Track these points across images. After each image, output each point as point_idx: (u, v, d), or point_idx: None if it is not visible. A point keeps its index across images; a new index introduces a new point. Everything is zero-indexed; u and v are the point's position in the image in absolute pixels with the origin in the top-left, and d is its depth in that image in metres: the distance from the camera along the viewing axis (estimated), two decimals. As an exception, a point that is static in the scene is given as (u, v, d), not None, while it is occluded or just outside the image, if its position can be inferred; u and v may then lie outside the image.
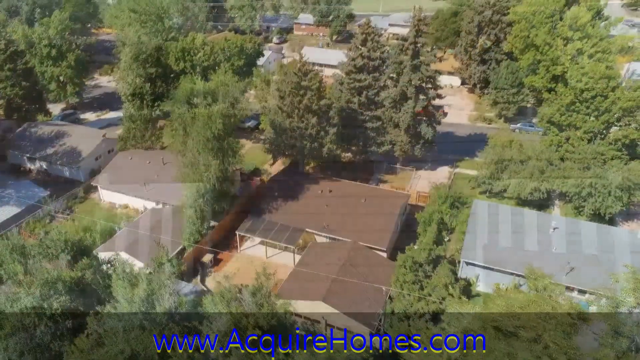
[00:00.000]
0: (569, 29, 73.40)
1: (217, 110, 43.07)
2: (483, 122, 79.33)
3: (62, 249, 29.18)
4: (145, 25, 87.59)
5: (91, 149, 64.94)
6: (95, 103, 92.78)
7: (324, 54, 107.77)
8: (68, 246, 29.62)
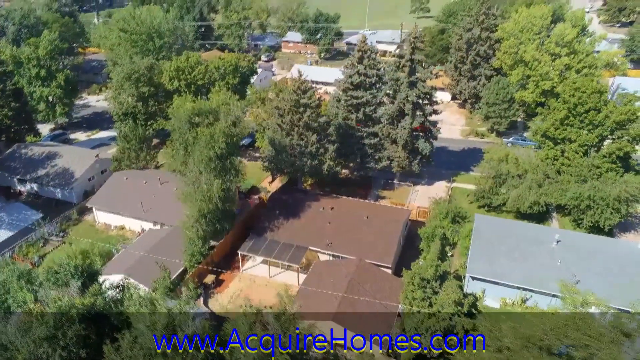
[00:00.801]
0: (555, 45, 75.31)
1: (219, 129, 42.69)
2: (476, 136, 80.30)
3: (72, 275, 28.25)
4: (135, 45, 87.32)
5: (84, 170, 63.73)
6: (85, 123, 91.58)
7: (315, 71, 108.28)
8: (78, 272, 28.71)
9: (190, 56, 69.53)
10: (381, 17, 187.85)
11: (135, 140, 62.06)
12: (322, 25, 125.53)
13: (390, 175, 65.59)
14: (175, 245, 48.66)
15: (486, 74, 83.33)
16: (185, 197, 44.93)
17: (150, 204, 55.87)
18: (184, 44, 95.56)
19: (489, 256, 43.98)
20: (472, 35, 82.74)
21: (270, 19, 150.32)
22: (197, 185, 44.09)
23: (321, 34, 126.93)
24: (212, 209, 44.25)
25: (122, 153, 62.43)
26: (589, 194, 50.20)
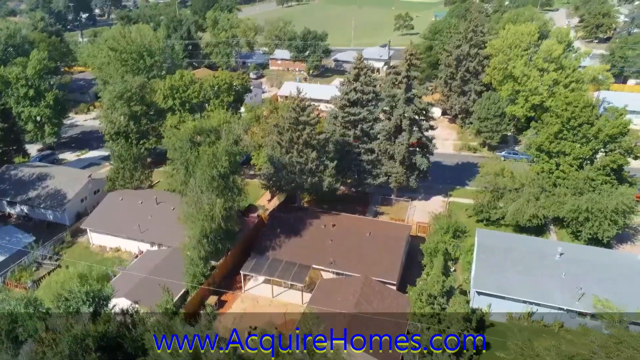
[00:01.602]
0: (543, 61, 77.03)
1: (222, 148, 42.30)
2: (468, 151, 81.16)
3: (83, 301, 27.28)
4: (125, 64, 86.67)
5: (77, 191, 62.41)
6: (73, 142, 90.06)
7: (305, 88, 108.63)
8: (90, 298, 27.75)
9: (185, 74, 69.17)
10: (366, 35, 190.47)
11: (129, 159, 61.08)
12: (310, 42, 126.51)
13: (387, 191, 65.68)
14: (175, 267, 47.77)
15: (476, 90, 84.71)
16: (187, 217, 44.19)
17: (147, 225, 54.84)
18: (174, 62, 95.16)
19: (494, 270, 44.04)
20: (462, 52, 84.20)
21: (258, 37, 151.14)
22: (199, 205, 43.43)
23: (309, 52, 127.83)
24: (214, 229, 43.57)
25: (117, 173, 61.34)
26: (587, 206, 50.91)
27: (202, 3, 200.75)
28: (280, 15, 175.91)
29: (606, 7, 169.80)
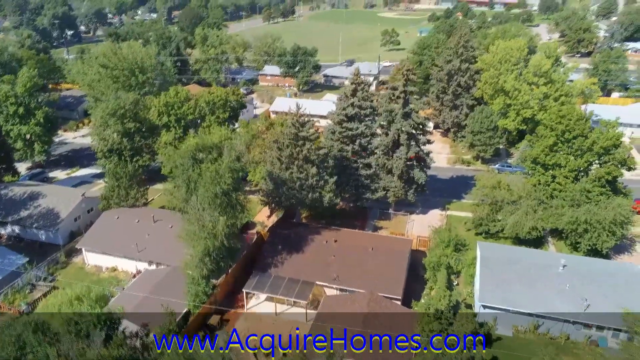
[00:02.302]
0: (533, 75, 78.50)
1: (225, 165, 41.92)
2: (462, 164, 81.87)
3: (94, 324, 26.39)
4: (117, 81, 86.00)
5: (70, 210, 61.19)
6: (63, 160, 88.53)
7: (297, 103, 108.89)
8: (101, 321, 26.88)
9: (180, 91, 68.78)
10: (353, 51, 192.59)
11: (125, 177, 60.13)
12: (301, 58, 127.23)
13: (385, 205, 65.68)
14: (175, 286, 46.78)
15: (468, 104, 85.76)
16: (189, 235, 43.44)
17: (144, 243, 53.86)
18: (165, 78, 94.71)
19: (499, 284, 44.07)
20: (453, 67, 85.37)
21: (247, 53, 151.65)
22: (202, 223, 42.79)
23: (299, 67, 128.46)
24: (218, 247, 42.91)
25: (112, 191, 60.24)
26: (586, 218, 51.47)
27: (189, 20, 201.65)
28: (267, 32, 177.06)
29: (586, 22, 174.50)
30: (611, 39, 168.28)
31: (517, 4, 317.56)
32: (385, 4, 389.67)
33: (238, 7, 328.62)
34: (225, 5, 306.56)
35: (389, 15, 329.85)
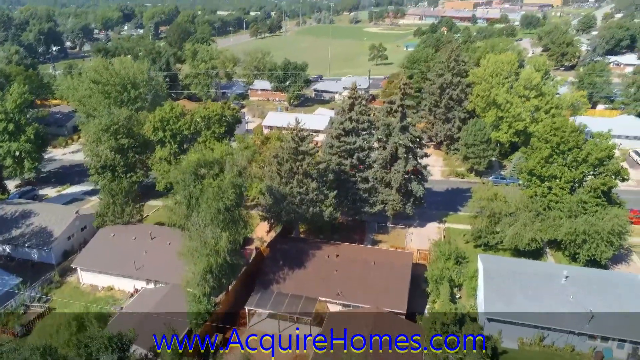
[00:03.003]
0: (524, 88, 79.77)
1: (228, 180, 41.49)
2: (456, 176, 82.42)
3: (105, 347, 25.56)
4: (108, 96, 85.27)
5: (63, 228, 59.97)
6: (53, 177, 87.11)
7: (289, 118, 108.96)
8: (112, 343, 26.04)
9: (175, 106, 68.35)
10: (341, 65, 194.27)
11: (120, 193, 59.24)
12: (291, 73, 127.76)
13: (382, 219, 65.62)
14: (176, 305, 45.96)
15: (460, 117, 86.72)
16: (191, 252, 42.74)
17: (142, 261, 52.92)
18: (158, 93, 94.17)
19: (503, 296, 44.07)
20: (445, 80, 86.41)
21: (236, 68, 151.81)
22: (204, 240, 42.15)
23: (290, 82, 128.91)
24: (220, 263, 42.27)
25: (107, 208, 59.26)
26: (584, 229, 51.96)
27: (177, 35, 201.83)
28: (255, 47, 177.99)
29: (568, 37, 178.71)
30: (594, 53, 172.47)
31: (499, 20, 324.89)
32: (370, 19, 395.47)
33: (225, 22, 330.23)
34: (213, 20, 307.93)
35: (375, 30, 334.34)
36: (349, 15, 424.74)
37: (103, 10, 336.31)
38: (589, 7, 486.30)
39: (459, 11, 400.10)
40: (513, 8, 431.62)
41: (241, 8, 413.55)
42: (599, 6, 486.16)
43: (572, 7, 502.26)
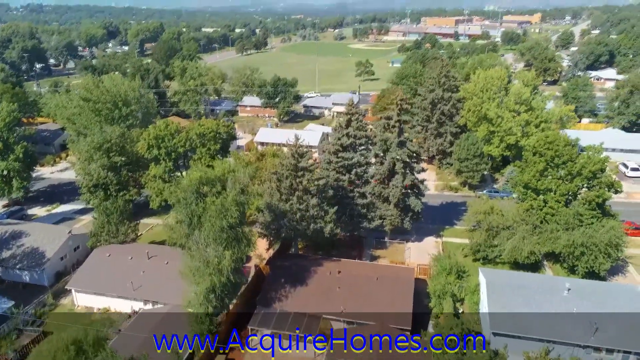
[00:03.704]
0: (514, 103, 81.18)
1: (231, 198, 41.05)
2: (450, 190, 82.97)
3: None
4: (99, 114, 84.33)
5: (56, 248, 58.61)
6: (42, 197, 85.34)
7: (280, 133, 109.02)
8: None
9: (170, 123, 67.83)
10: (329, 81, 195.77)
11: (115, 212, 58.22)
12: (281, 89, 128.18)
13: (379, 234, 65.56)
14: (177, 326, 44.91)
15: (452, 131, 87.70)
16: (193, 272, 41.97)
17: (139, 281, 51.80)
18: (149, 110, 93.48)
19: (508, 310, 44.07)
20: (436, 96, 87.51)
21: (225, 84, 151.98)
22: (207, 259, 41.46)
23: (280, 98, 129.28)
24: (224, 283, 41.57)
25: (101, 227, 58.11)
26: (582, 241, 52.54)
27: (163, 52, 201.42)
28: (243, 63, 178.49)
29: (550, 52, 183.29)
30: (575, 68, 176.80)
31: (481, 36, 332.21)
32: (355, 36, 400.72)
33: (210, 39, 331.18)
34: (198, 37, 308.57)
35: (360, 47, 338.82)
36: (334, 32, 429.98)
37: (87, 27, 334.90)
38: (566, 24, 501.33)
39: (441, 28, 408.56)
40: (493, 25, 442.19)
41: (226, 25, 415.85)
42: (576, 23, 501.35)
43: (550, 23, 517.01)
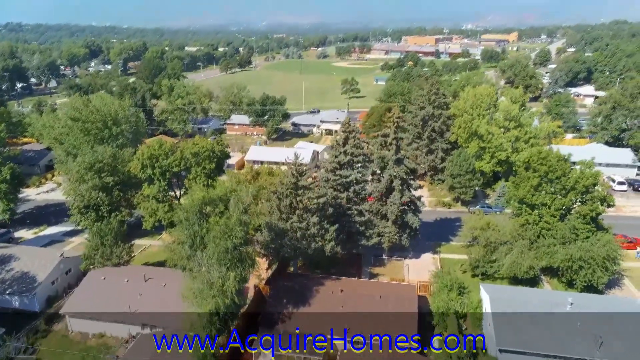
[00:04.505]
0: (504, 119, 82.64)
1: (236, 218, 40.55)
2: (443, 206, 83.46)
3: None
4: (88, 133, 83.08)
5: (48, 272, 56.92)
6: (28, 218, 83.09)
7: (271, 152, 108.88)
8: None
9: (164, 142, 67.09)
10: (315, 99, 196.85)
11: (110, 234, 56.93)
12: (270, 107, 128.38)
13: (377, 251, 65.41)
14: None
15: (442, 148, 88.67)
16: (196, 294, 41.07)
17: (136, 305, 50.47)
18: (139, 129, 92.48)
19: (514, 326, 44.12)
20: (426, 113, 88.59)
21: (212, 103, 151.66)
22: (210, 280, 40.68)
23: (268, 116, 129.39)
24: (228, 305, 40.77)
25: (95, 249, 56.68)
26: (580, 255, 53.16)
27: (148, 71, 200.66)
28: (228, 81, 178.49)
29: (530, 70, 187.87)
30: (555, 85, 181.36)
31: (461, 54, 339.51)
32: (338, 54, 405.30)
33: (194, 58, 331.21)
34: (182, 56, 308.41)
35: (343, 65, 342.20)
36: (317, 51, 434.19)
37: (69, 46, 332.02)
38: (542, 42, 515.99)
39: (422, 46, 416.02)
40: (472, 43, 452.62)
41: (209, 44, 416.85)
42: (552, 41, 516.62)
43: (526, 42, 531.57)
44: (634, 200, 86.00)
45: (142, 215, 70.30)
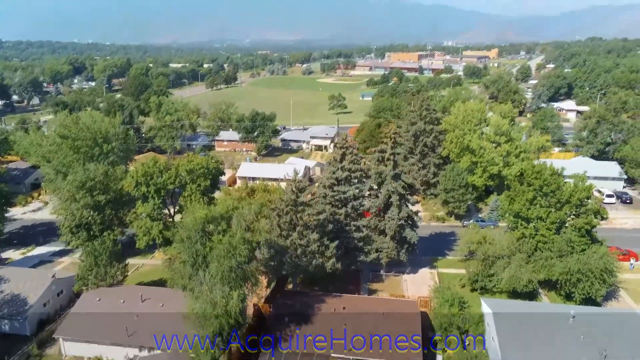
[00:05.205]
0: (495, 134, 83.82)
1: (239, 236, 40.00)
2: (437, 221, 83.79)
3: None
4: (78, 151, 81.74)
5: (39, 294, 55.25)
6: (15, 239, 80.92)
7: (262, 168, 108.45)
8: None
9: (158, 160, 66.30)
10: (303, 115, 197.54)
11: (104, 254, 55.65)
12: (260, 123, 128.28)
13: (374, 267, 65.13)
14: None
15: (435, 162, 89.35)
16: (199, 315, 40.17)
17: (133, 326, 49.15)
18: (129, 147, 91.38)
19: (518, 340, 44.05)
20: (418, 129, 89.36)
21: (200, 119, 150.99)
22: (213, 300, 39.86)
23: (258, 132, 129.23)
24: (232, 325, 39.96)
25: (89, 270, 55.27)
26: (578, 268, 53.63)
27: (134, 88, 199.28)
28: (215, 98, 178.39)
29: (513, 85, 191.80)
30: (538, 100, 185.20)
31: (444, 70, 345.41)
32: (322, 70, 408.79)
33: (179, 74, 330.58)
34: (167, 73, 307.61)
35: (328, 81, 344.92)
36: (302, 67, 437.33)
37: (51, 63, 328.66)
38: (521, 58, 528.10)
39: (406, 62, 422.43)
40: (454, 60, 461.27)
41: (194, 60, 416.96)
42: (531, 57, 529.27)
43: (506, 58, 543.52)
44: (623, 212, 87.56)
45: (134, 234, 69.07)
